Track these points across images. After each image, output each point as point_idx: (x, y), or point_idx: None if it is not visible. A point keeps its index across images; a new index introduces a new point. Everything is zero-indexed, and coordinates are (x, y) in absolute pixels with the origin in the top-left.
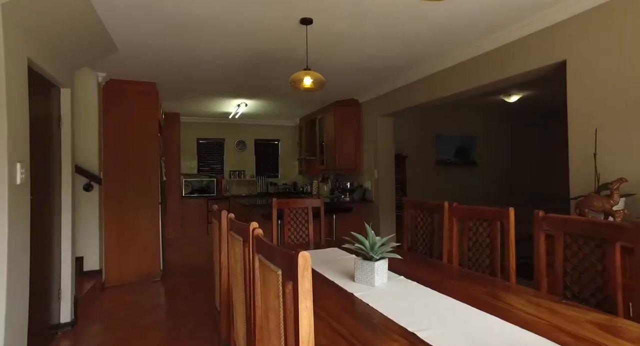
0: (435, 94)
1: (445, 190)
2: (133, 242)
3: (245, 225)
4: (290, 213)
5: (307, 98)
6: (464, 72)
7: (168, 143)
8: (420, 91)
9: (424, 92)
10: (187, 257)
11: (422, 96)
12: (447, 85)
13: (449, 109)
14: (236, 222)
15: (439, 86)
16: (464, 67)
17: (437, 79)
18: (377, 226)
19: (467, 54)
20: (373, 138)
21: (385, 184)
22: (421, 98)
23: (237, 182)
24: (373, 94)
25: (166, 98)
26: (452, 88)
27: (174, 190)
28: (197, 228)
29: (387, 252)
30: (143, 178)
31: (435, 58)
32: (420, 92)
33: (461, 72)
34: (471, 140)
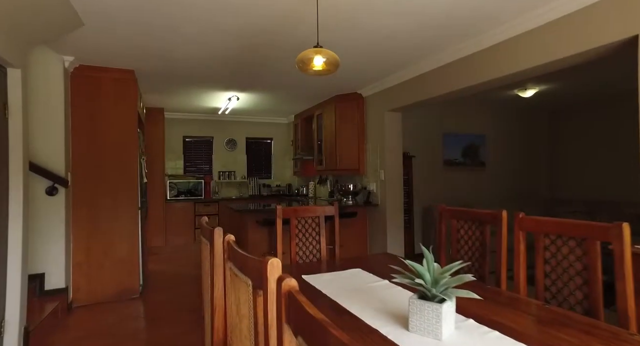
0: (451, 86)
1: (453, 192)
2: (107, 253)
3: (259, 263)
4: (297, 223)
5: (304, 92)
6: (493, 59)
7: (150, 141)
8: (435, 83)
9: (439, 84)
10: (172, 268)
11: (437, 88)
12: (467, 75)
13: (456, 106)
14: (241, 253)
15: (458, 76)
16: (494, 52)
17: (455, 68)
18: (383, 233)
19: (503, 34)
20: (379, 136)
21: (393, 186)
22: (436, 91)
23: (227, 184)
24: (379, 87)
25: (147, 90)
26: (474, 78)
27: (157, 193)
28: (182, 235)
29: (455, 286)
30: (119, 180)
31: (459, 42)
32: (434, 84)
33: (488, 58)
34: (479, 139)
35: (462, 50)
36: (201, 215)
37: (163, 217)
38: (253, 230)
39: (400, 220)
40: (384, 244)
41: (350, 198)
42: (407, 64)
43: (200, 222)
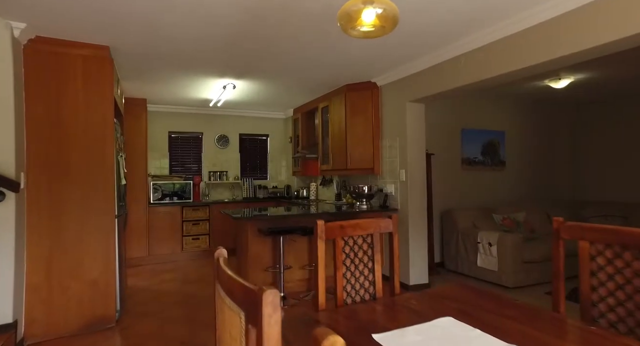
0: (486, 73)
1: (472, 194)
2: (74, 273)
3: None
4: (344, 245)
5: (311, 79)
6: (534, 41)
7: (131, 136)
8: (467, 69)
9: (472, 71)
10: (156, 284)
11: (469, 76)
12: (505, 59)
13: (474, 98)
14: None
15: (495, 62)
16: (535, 34)
17: (492, 52)
18: (404, 243)
19: (545, 13)
20: (399, 131)
21: (416, 188)
22: (466, 79)
23: (218, 185)
24: (398, 74)
25: (127, 76)
26: (513, 63)
27: (139, 196)
28: (168, 244)
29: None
30: (91, 182)
31: (498, 20)
32: (466, 71)
33: (530, 41)
34: (499, 135)
35: (500, 31)
36: (189, 221)
37: (145, 224)
38: (254, 241)
39: (423, 228)
40: (404, 256)
41: (365, 202)
42: (435, 47)
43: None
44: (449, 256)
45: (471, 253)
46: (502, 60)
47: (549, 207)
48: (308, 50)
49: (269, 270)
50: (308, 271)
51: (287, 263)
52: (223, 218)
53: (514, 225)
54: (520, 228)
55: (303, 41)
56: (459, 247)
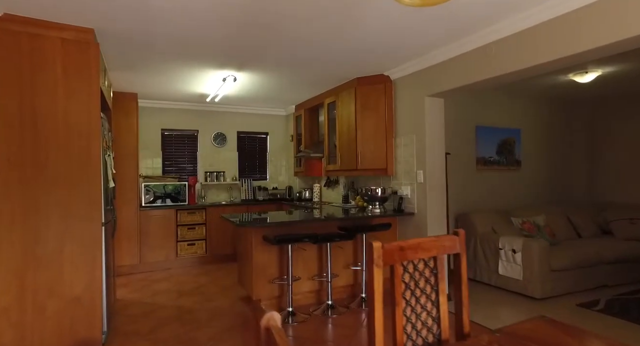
0: (516, 64)
1: (487, 196)
2: (53, 290)
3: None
4: (403, 272)
5: (318, 72)
6: (590, 22)
7: (120, 134)
8: (501, 58)
9: (508, 60)
10: (148, 296)
11: (503, 65)
12: (533, 50)
13: (489, 94)
14: None
15: (525, 52)
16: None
17: (521, 42)
18: None
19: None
20: (416, 128)
21: (435, 190)
22: (500, 69)
23: (215, 187)
24: (414, 67)
25: (115, 66)
26: (543, 55)
27: (129, 199)
28: (161, 250)
29: None
30: (73, 184)
31: (526, 8)
32: (500, 60)
33: (562, 30)
34: (514, 133)
35: (539, 15)
36: (184, 225)
37: (136, 229)
38: (259, 249)
39: (443, 232)
40: None
41: (378, 206)
42: (461, 34)
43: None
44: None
45: (491, 260)
46: (540, 49)
47: (569, 209)
48: (319, 38)
49: (275, 282)
50: (318, 282)
51: (295, 274)
52: (221, 222)
53: (535, 229)
54: (542, 233)
55: (316, 27)
56: (477, 253)
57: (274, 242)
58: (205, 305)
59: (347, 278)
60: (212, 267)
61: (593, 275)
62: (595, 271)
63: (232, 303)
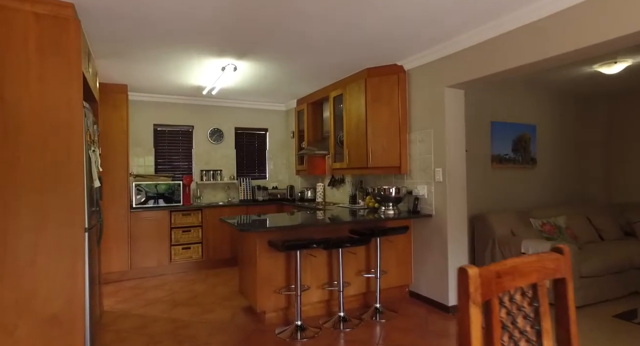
0: (546, 52)
1: (501, 195)
2: (23, 309)
3: None
4: (497, 305)
5: (325, 62)
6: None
7: (109, 129)
8: (520, 48)
9: (544, 44)
10: (139, 307)
11: (538, 50)
12: (565, 36)
13: (504, 87)
14: None
15: (556, 38)
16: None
17: (553, 26)
18: (441, 255)
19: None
20: (433, 122)
21: (455, 190)
22: (534, 55)
23: (212, 186)
24: (434, 54)
25: (102, 52)
26: (605, 32)
27: (118, 199)
28: (154, 255)
29: None
30: (49, 185)
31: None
32: (536, 44)
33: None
34: (530, 129)
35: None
36: (179, 227)
37: (127, 232)
38: (264, 256)
39: (464, 236)
40: (443, 272)
41: (391, 207)
42: (489, 17)
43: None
44: None
45: None
46: (582, 31)
47: (588, 209)
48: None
49: (282, 292)
50: (329, 291)
51: (304, 283)
52: (218, 224)
53: (556, 231)
54: (563, 235)
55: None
56: (495, 258)
57: (282, 249)
58: (203, 317)
59: (359, 286)
60: (209, 273)
61: (624, 281)
62: (626, 277)
63: (233, 316)
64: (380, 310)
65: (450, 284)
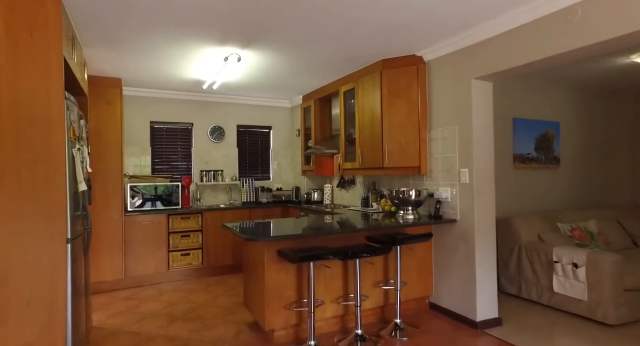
0: (594, 36)
1: (525, 197)
2: None
3: None
4: None
5: (338, 51)
6: None
7: (101, 126)
8: (563, 31)
9: (571, 34)
10: (132, 323)
11: (567, 41)
12: (625, 15)
13: (528, 83)
14: None
15: (602, 22)
16: None
17: (607, 3)
18: (467, 265)
19: None
20: (458, 118)
21: (483, 193)
22: (583, 40)
23: (213, 188)
24: (459, 43)
25: (90, 39)
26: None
27: (113, 202)
28: (150, 262)
29: None
30: (22, 189)
31: None
32: (584, 27)
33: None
34: (553, 126)
35: None
36: (177, 232)
37: (121, 237)
38: (273, 267)
39: (492, 243)
40: (469, 282)
41: (411, 211)
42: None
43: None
44: (507, 276)
45: (542, 275)
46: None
47: (617, 212)
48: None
49: (293, 308)
50: (343, 306)
51: (317, 297)
52: (219, 228)
53: (587, 237)
54: (596, 241)
55: None
56: (522, 266)
57: (295, 260)
58: (204, 335)
59: (377, 299)
60: (210, 281)
61: None
62: None
63: (238, 333)
64: (401, 327)
65: (479, 297)
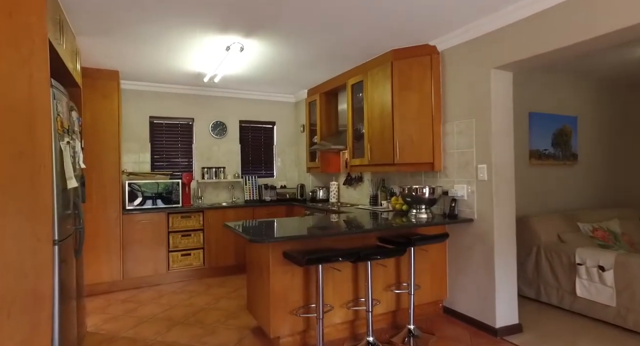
0: (627, 18)
1: (541, 195)
2: None
3: None
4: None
5: (341, 44)
6: None
7: (97, 120)
8: (594, 14)
9: (602, 17)
10: (129, 328)
11: (597, 25)
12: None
13: (545, 75)
14: None
15: None
16: None
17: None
18: (486, 268)
19: None
20: (476, 110)
21: (503, 191)
22: (591, 30)
23: (214, 185)
24: (477, 30)
25: (84, 28)
26: None
27: (110, 200)
28: (149, 262)
29: None
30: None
31: None
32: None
33: None
34: (571, 121)
35: None
36: (177, 231)
37: (119, 236)
38: (278, 270)
39: (512, 244)
40: (488, 286)
41: (424, 210)
42: None
43: None
44: (524, 279)
45: (563, 278)
46: None
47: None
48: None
49: (299, 314)
50: (353, 311)
51: (326, 301)
52: (221, 228)
53: (611, 238)
54: (620, 242)
55: None
56: (540, 268)
57: (303, 263)
58: (205, 341)
59: (388, 304)
60: (212, 282)
61: None
62: None
63: (241, 340)
64: (415, 333)
65: (499, 301)
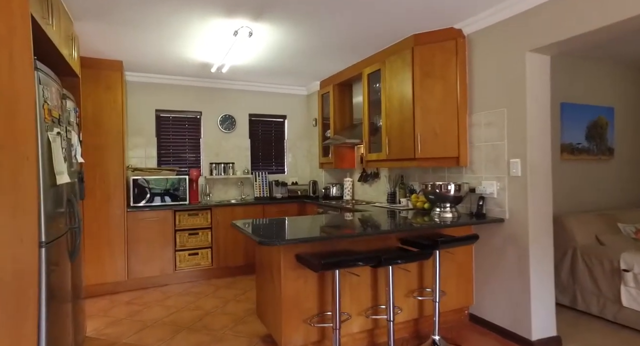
0: None
1: (574, 193)
2: None
3: None
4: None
5: (357, 29)
6: None
7: (99, 113)
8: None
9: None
10: (133, 333)
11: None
12: None
13: (578, 62)
14: None
15: None
16: None
17: None
18: (522, 271)
19: None
20: (508, 98)
21: (539, 187)
22: None
23: (223, 182)
24: (505, 11)
25: (82, 11)
26: None
27: (114, 197)
28: (156, 262)
29: None
30: None
31: None
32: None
33: None
34: (607, 113)
35: None
36: (185, 230)
37: (123, 235)
38: (290, 275)
39: (549, 247)
40: (522, 293)
41: (449, 209)
42: None
43: None
44: (558, 284)
45: (604, 285)
46: None
47: None
48: None
49: (314, 323)
50: (372, 320)
51: (343, 309)
52: (230, 226)
53: None
54: None
55: None
56: (577, 272)
57: (318, 267)
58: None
59: (410, 311)
60: (220, 283)
61: None
62: None
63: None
64: (440, 345)
65: (534, 311)
